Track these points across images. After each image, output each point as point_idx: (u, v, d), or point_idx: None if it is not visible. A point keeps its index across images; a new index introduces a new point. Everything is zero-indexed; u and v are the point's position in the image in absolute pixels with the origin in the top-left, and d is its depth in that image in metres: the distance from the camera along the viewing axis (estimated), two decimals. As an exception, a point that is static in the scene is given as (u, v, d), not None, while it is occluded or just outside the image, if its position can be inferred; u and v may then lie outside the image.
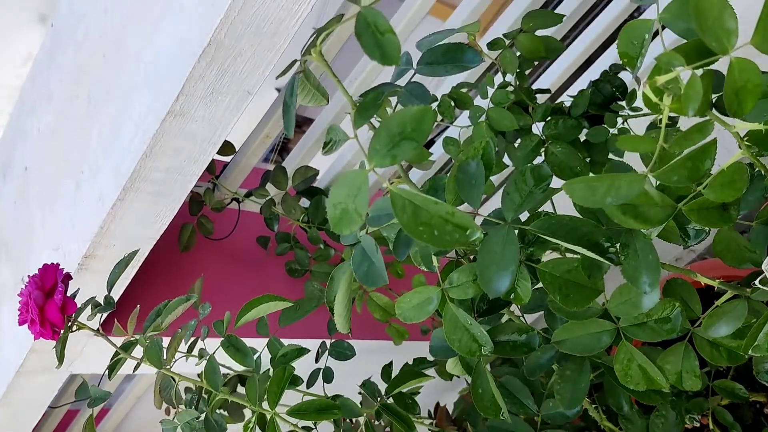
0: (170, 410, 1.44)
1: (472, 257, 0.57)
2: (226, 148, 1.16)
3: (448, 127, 1.30)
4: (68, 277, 0.75)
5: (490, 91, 0.94)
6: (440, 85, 1.54)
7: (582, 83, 1.35)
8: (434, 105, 1.12)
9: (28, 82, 1.26)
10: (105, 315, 0.77)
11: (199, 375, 0.78)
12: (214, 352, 0.73)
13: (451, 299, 0.53)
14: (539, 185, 0.46)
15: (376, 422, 0.75)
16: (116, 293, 1.06)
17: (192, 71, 0.77)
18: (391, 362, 0.92)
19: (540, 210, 0.55)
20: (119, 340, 1.13)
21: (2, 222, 1.25)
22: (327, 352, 0.88)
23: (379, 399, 0.75)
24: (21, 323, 0.70)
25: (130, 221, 0.92)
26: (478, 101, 0.97)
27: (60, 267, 0.71)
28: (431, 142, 1.31)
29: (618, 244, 0.46)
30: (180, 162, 0.88)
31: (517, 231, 0.44)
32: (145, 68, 0.87)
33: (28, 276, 0.69)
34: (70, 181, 1.01)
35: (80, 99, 1.02)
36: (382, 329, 1.39)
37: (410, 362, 0.95)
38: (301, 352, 0.72)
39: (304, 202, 1.36)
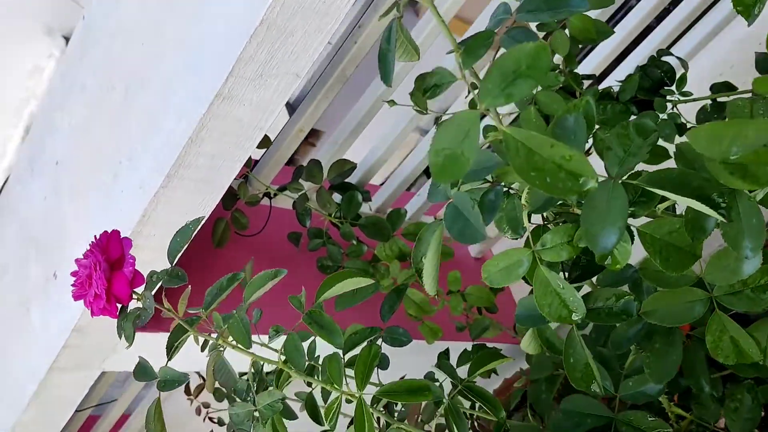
0: (201, 409, 1.41)
1: (563, 220, 0.55)
2: (263, 140, 1.14)
3: (484, 115, 1.28)
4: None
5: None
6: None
7: (622, 70, 1.34)
8: (473, 93, 1.11)
9: (57, 77, 1.25)
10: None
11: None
12: (293, 329, 0.69)
13: (542, 262, 0.50)
14: (646, 138, 0.43)
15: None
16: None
17: (242, 52, 0.76)
18: (465, 349, 0.90)
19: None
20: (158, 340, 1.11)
21: (31, 218, 1.23)
22: (381, 338, 0.85)
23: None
24: (77, 298, 0.66)
25: (173, 210, 0.90)
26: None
27: (125, 236, 0.67)
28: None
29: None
30: (225, 148, 0.86)
31: (623, 186, 0.42)
32: (188, 52, 0.85)
33: (90, 243, 0.65)
34: (107, 172, 0.99)
35: (116, 89, 1.01)
36: (414, 327, 1.36)
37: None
38: (374, 331, 0.69)
39: (336, 198, 1.34)
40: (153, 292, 0.66)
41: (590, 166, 0.37)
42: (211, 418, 1.33)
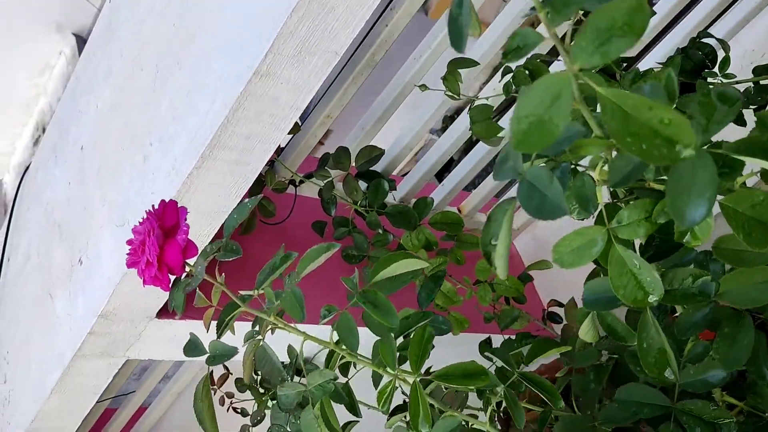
0: (224, 400, 1.40)
1: (635, 196, 0.53)
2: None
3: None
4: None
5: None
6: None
7: (658, 52, 1.31)
8: (508, 77, 1.08)
9: (82, 62, 1.23)
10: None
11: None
12: (346, 308, 0.66)
13: (617, 240, 0.48)
14: (731, 105, 0.41)
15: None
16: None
17: (283, 27, 0.74)
18: (509, 337, 0.88)
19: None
20: (196, 324, 1.09)
21: (55, 204, 1.22)
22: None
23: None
24: (131, 265, 0.64)
25: (206, 192, 0.88)
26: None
27: (182, 206, 0.65)
28: (499, 116, 1.26)
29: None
30: (261, 128, 0.84)
31: (709, 154, 0.40)
32: (224, 30, 0.83)
33: (147, 211, 0.63)
34: (136, 155, 0.97)
35: (146, 71, 0.99)
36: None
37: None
38: (426, 315, 0.67)
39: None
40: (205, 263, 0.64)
41: (691, 131, 0.35)
42: (234, 408, 1.32)
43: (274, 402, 0.74)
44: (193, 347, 0.68)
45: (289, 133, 1.13)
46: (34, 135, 1.60)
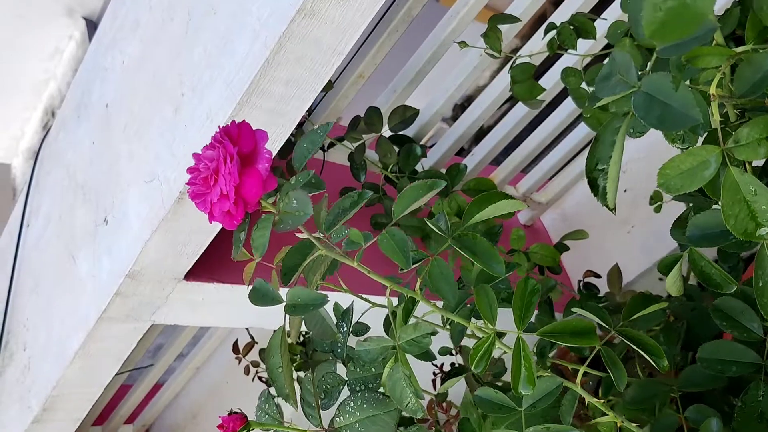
0: (249, 368, 1.36)
1: (747, 119, 0.49)
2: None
3: (561, 56, 1.21)
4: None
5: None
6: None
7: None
8: (553, 33, 1.04)
9: (106, 19, 1.19)
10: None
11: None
12: (436, 255, 0.60)
13: (732, 161, 0.43)
14: None
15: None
16: (207, 239, 0.99)
17: (330, -40, 0.70)
18: (573, 298, 0.83)
19: None
20: (225, 288, 1.06)
21: (78, 164, 1.18)
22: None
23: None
24: (194, 197, 0.56)
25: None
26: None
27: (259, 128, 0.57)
28: (540, 74, 1.22)
29: None
30: (301, 73, 0.80)
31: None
32: (264, -31, 0.79)
33: (216, 134, 0.55)
34: (167, 107, 0.93)
35: (176, 21, 0.95)
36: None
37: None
38: (510, 267, 0.62)
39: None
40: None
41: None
42: (260, 378, 1.28)
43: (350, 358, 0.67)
44: (261, 295, 0.62)
45: (321, 91, 1.09)
46: (43, 119, 1.58)
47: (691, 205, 0.69)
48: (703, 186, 0.43)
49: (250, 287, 0.63)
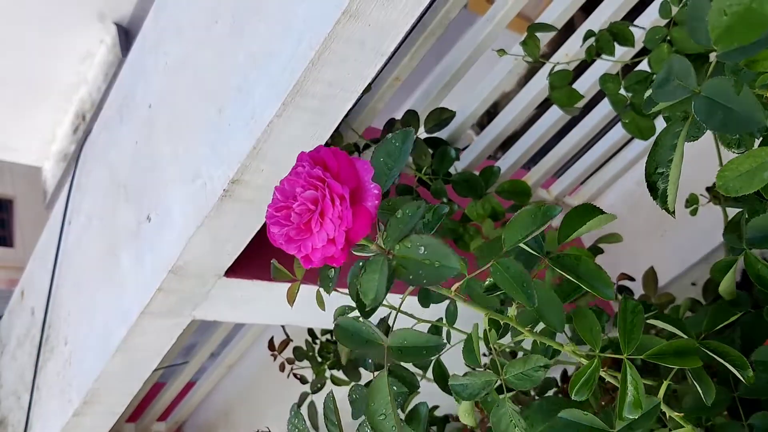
0: (285, 366, 1.38)
1: None
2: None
3: (594, 60, 1.21)
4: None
5: (674, 9, 0.86)
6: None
7: None
8: (591, 40, 1.05)
9: (149, 22, 1.22)
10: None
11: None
12: (534, 275, 0.57)
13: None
14: None
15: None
16: (248, 236, 1.01)
17: (375, -37, 0.71)
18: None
19: None
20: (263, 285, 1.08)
21: (121, 163, 1.21)
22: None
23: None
24: (288, 241, 0.49)
25: (284, 143, 0.87)
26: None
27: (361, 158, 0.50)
28: (575, 78, 1.22)
29: None
30: (344, 74, 0.82)
31: None
32: (309, -27, 0.81)
33: (303, 163, 0.48)
34: (211, 107, 0.96)
35: (220, 23, 0.97)
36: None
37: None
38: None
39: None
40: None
41: None
42: (295, 374, 1.30)
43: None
44: (348, 335, 0.55)
45: (359, 93, 1.11)
46: (74, 123, 1.61)
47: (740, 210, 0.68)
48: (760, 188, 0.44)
49: (335, 324, 0.58)
